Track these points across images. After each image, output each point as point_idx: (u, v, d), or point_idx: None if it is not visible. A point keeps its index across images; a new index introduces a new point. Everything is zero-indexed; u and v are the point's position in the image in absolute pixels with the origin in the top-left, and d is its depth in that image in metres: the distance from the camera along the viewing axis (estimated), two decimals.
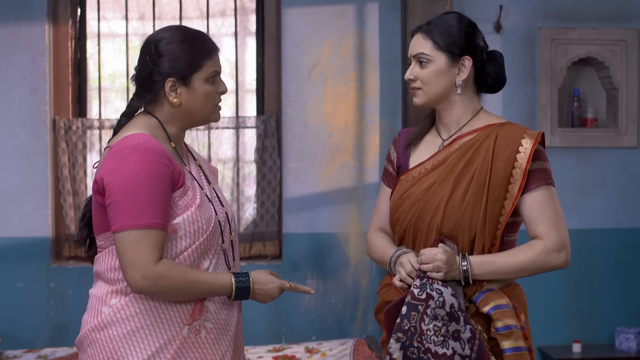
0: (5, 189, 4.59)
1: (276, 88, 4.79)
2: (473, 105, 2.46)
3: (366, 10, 4.69)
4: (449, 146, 2.43)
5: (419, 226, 2.39)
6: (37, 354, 4.19)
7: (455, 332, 2.24)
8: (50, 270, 4.61)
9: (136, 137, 2.12)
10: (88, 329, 2.17)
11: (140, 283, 2.07)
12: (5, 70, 4.58)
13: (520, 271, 2.33)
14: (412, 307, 2.26)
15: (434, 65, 2.39)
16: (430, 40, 2.40)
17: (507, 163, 2.33)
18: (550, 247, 2.32)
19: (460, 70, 2.40)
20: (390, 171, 2.58)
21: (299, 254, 4.71)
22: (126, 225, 2.07)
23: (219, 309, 2.20)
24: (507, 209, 2.32)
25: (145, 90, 2.23)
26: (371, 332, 4.70)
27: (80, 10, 4.78)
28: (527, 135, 2.36)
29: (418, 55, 2.41)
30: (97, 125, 4.73)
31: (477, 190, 2.33)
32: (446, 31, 2.40)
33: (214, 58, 2.24)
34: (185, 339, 2.14)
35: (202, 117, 2.26)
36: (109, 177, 2.10)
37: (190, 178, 2.22)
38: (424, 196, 2.39)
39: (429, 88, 2.41)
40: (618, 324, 4.76)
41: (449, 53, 2.39)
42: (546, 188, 2.35)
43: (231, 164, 4.80)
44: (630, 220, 4.80)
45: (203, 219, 2.17)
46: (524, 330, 2.34)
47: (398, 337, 2.26)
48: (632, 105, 4.75)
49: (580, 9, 4.76)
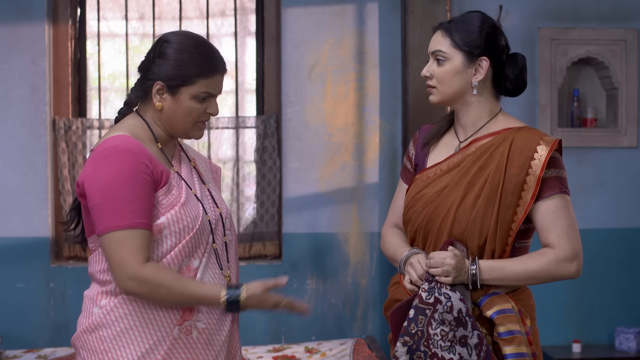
0: (5, 189, 4.59)
1: (276, 88, 4.79)
2: (490, 107, 2.41)
3: (366, 10, 4.69)
4: (465, 148, 2.40)
5: (429, 228, 2.37)
6: (37, 354, 4.19)
7: (463, 337, 2.22)
8: (50, 271, 4.60)
9: (115, 139, 2.12)
10: (81, 330, 2.18)
11: (128, 284, 2.07)
12: (5, 70, 4.58)
13: (529, 279, 2.30)
14: (419, 310, 2.24)
15: (450, 63, 2.35)
16: (448, 38, 2.36)
17: (521, 169, 2.28)
18: (562, 257, 2.28)
19: (477, 70, 2.36)
20: (408, 168, 2.54)
21: (298, 254, 4.71)
22: (108, 227, 2.07)
23: (211, 309, 2.19)
24: (520, 216, 2.28)
25: (139, 84, 2.23)
26: (371, 332, 4.70)
27: (80, 10, 4.78)
28: (544, 142, 2.31)
29: (435, 52, 2.38)
30: (97, 125, 4.73)
31: (490, 195, 2.29)
32: (465, 30, 2.36)
33: (211, 79, 2.20)
34: (175, 339, 2.14)
35: (180, 129, 2.22)
36: (88, 181, 2.10)
37: (177, 178, 2.21)
38: (436, 198, 2.36)
39: (444, 87, 2.37)
40: (618, 324, 4.76)
41: (466, 52, 2.34)
42: (560, 197, 2.30)
43: (231, 164, 4.80)
44: (630, 220, 4.80)
45: (188, 218, 2.16)
46: (528, 335, 2.31)
47: (405, 341, 2.24)
48: (632, 105, 4.75)
49: (580, 9, 4.76)
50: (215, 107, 2.24)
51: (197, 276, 2.17)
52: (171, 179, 2.19)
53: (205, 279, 2.19)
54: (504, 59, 2.41)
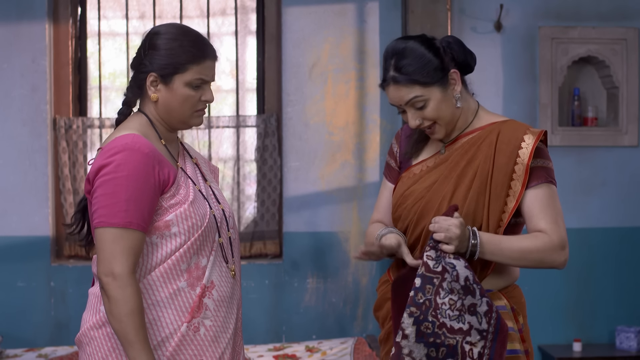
0: (6, 187, 4.59)
1: (276, 87, 4.79)
2: (471, 107, 2.40)
3: (366, 9, 4.69)
4: (451, 145, 2.40)
5: (421, 224, 2.35)
6: (38, 352, 4.19)
7: (472, 305, 2.17)
8: (51, 269, 4.61)
9: (125, 138, 2.12)
10: (87, 327, 2.18)
11: (109, 280, 2.06)
12: (6, 69, 4.58)
13: (522, 259, 2.26)
14: (427, 279, 2.18)
15: (433, 100, 2.31)
16: (414, 84, 2.29)
17: (510, 158, 2.28)
18: (555, 243, 2.26)
19: (452, 85, 2.33)
20: (392, 166, 2.53)
21: (299, 252, 4.71)
22: (102, 222, 2.08)
23: (218, 307, 2.20)
24: (510, 206, 2.28)
25: (133, 81, 2.24)
26: (371, 331, 4.70)
27: (80, 9, 4.78)
28: (530, 132, 2.31)
29: (411, 102, 2.31)
30: (97, 124, 4.73)
31: (480, 187, 2.29)
32: (418, 62, 2.29)
33: (203, 65, 2.19)
34: (183, 336, 2.14)
35: (179, 118, 2.23)
36: (95, 176, 2.11)
37: (183, 176, 2.22)
38: (426, 194, 2.36)
39: (441, 120, 2.33)
40: (618, 322, 4.76)
41: (438, 81, 2.30)
42: (547, 186, 2.30)
43: (232, 163, 4.80)
44: (631, 219, 4.80)
45: (197, 215, 2.16)
46: (521, 332, 2.31)
47: (411, 312, 2.17)
48: (633, 104, 4.75)
49: (580, 8, 4.76)
50: (210, 93, 2.24)
51: (206, 274, 2.18)
52: (179, 177, 2.19)
53: (213, 275, 2.20)
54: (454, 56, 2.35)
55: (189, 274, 2.16)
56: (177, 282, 2.15)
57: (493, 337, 2.18)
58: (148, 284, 2.14)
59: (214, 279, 2.20)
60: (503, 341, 2.19)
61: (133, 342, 2.05)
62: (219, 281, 2.21)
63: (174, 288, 2.14)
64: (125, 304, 2.04)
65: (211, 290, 2.19)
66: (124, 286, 2.05)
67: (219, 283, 2.21)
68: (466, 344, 2.17)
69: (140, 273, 2.14)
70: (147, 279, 2.14)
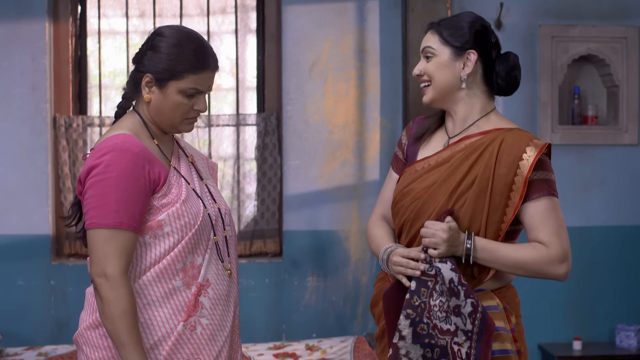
0: (6, 186, 4.59)
1: (276, 85, 4.79)
2: (481, 105, 2.40)
3: (367, 7, 4.69)
4: (454, 145, 2.39)
5: (416, 224, 2.35)
6: (38, 351, 4.19)
7: (456, 307, 2.21)
8: (51, 268, 4.61)
9: (116, 138, 2.12)
10: (84, 327, 2.18)
11: (97, 281, 2.06)
12: (6, 68, 4.58)
13: (517, 268, 2.27)
14: (421, 283, 2.24)
15: (438, 58, 2.38)
16: (437, 35, 2.39)
17: (509, 170, 2.27)
18: (553, 256, 2.25)
19: (465, 64, 2.36)
20: (400, 157, 2.54)
21: (299, 251, 4.71)
22: (93, 223, 2.08)
23: (214, 305, 2.20)
24: (509, 217, 2.27)
25: (132, 76, 2.24)
26: (371, 329, 4.70)
27: (80, 7, 4.78)
28: (533, 144, 2.29)
29: (425, 49, 2.41)
30: (97, 122, 4.73)
31: (478, 195, 2.28)
32: (454, 26, 2.38)
33: (200, 75, 2.18)
34: (180, 335, 2.14)
35: (168, 123, 2.22)
36: (86, 177, 2.11)
37: (176, 174, 2.21)
38: (423, 195, 2.35)
39: (435, 82, 2.38)
40: (618, 321, 4.76)
41: (453, 47, 2.36)
42: (549, 199, 2.28)
43: (232, 162, 4.80)
44: (631, 218, 4.80)
45: (190, 215, 2.16)
46: (513, 332, 2.30)
47: (408, 314, 2.23)
48: (633, 103, 4.75)
49: (580, 7, 4.75)
50: (204, 104, 2.23)
51: (201, 273, 2.18)
52: (170, 177, 2.19)
53: (209, 274, 2.19)
54: (493, 56, 2.41)
55: (184, 272, 2.16)
56: (173, 282, 2.15)
57: (477, 338, 2.22)
58: (143, 284, 2.14)
59: (210, 277, 2.20)
60: (487, 341, 2.21)
61: (125, 343, 2.05)
62: (215, 279, 2.21)
63: (170, 287, 2.14)
64: (117, 305, 2.04)
65: (207, 289, 2.19)
66: (117, 287, 2.05)
67: (215, 281, 2.21)
68: (454, 344, 2.22)
69: (134, 273, 2.14)
70: (142, 279, 2.14)
